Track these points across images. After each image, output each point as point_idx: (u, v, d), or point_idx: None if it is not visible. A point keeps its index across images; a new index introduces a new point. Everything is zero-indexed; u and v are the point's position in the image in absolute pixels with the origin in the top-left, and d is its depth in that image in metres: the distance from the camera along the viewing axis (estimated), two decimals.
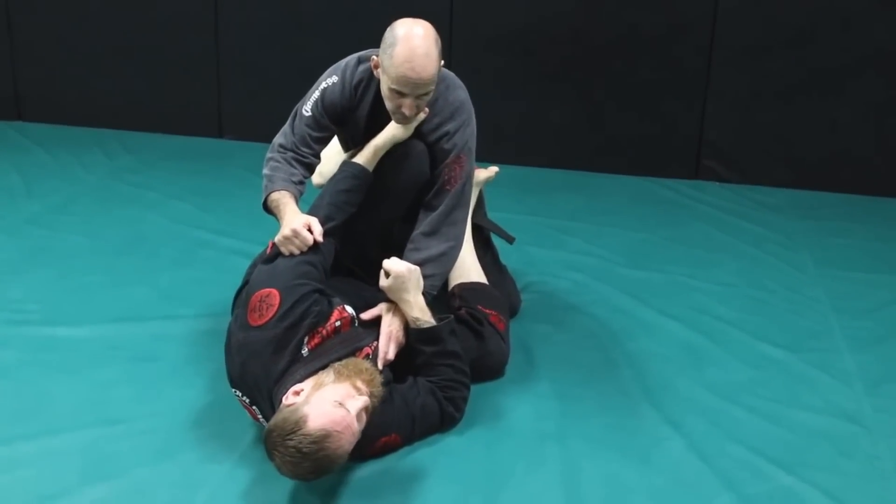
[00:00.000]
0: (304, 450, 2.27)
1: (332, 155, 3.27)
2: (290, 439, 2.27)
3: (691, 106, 4.78)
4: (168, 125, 5.31)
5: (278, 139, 3.00)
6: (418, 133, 2.96)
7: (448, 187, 2.96)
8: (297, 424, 2.29)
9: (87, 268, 3.69)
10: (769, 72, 4.66)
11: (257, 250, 3.25)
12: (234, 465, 2.56)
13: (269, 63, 5.09)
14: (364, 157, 2.95)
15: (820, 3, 4.53)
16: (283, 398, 2.42)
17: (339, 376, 2.46)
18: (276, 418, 2.35)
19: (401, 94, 2.77)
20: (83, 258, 3.78)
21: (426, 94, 2.80)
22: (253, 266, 2.98)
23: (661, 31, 4.69)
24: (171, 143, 5.18)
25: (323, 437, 2.28)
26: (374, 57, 2.86)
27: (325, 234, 2.78)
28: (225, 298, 3.17)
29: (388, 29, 2.80)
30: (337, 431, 2.31)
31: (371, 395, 2.46)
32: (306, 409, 2.33)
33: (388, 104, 2.84)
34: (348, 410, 2.36)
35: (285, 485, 2.49)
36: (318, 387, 2.42)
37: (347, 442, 2.34)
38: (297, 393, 2.41)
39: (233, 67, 5.17)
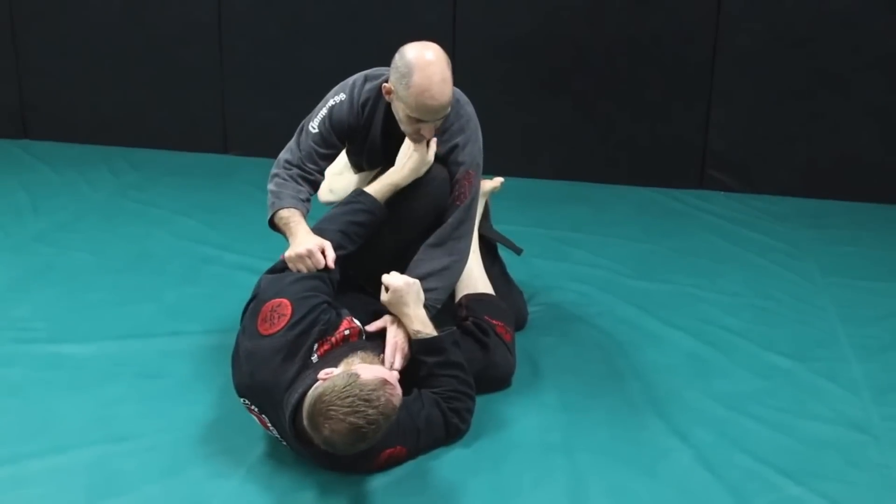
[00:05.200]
0: (365, 396, 2.30)
1: (342, 169, 3.27)
2: (347, 389, 2.31)
3: (695, 116, 4.78)
4: (173, 142, 5.32)
5: (283, 155, 3.01)
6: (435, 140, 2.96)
7: (457, 203, 2.97)
8: (352, 379, 2.34)
9: (93, 285, 3.70)
10: (773, 79, 4.65)
11: (263, 265, 3.24)
12: (242, 481, 2.56)
13: (273, 79, 5.10)
14: (381, 193, 2.94)
15: (823, 7, 4.52)
16: (319, 376, 2.43)
17: (364, 361, 2.52)
18: (324, 387, 2.36)
19: (419, 120, 2.79)
20: (89, 275, 3.79)
21: (444, 116, 2.83)
22: (262, 281, 2.98)
23: (663, 41, 4.69)
24: (176, 160, 5.19)
25: (380, 384, 2.34)
26: (386, 84, 2.86)
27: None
28: (231, 314, 3.18)
29: (398, 55, 2.81)
30: (390, 383, 2.37)
31: None
32: (355, 370, 2.38)
33: (406, 128, 2.86)
34: (390, 370, 2.48)
35: (292, 500, 2.49)
36: (349, 364, 2.46)
37: (398, 396, 2.40)
38: (328, 374, 2.43)
39: (237, 83, 5.18)
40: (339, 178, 3.22)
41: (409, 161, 2.92)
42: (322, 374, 2.44)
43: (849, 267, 3.98)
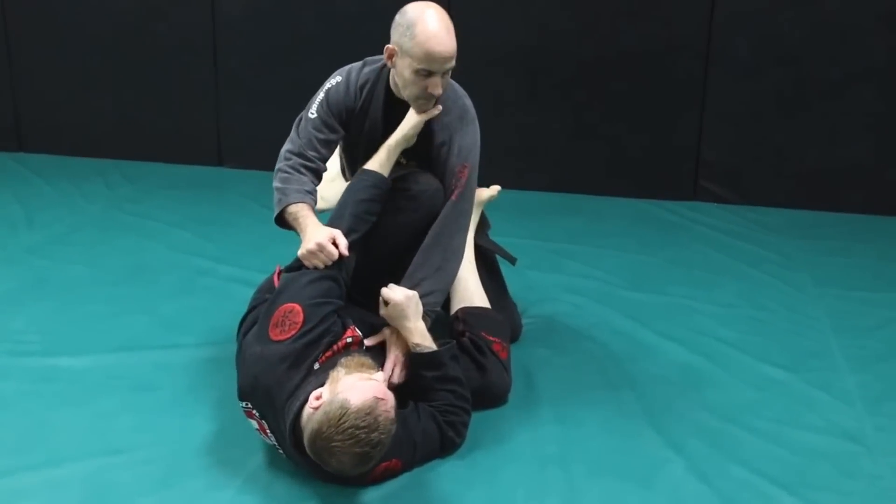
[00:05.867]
0: (362, 423, 2.31)
1: (335, 176, 3.28)
2: (344, 422, 2.31)
3: (688, 127, 4.80)
4: (168, 154, 5.33)
5: (286, 146, 3.00)
6: (430, 132, 2.96)
7: (452, 197, 2.98)
8: (343, 407, 2.33)
9: (87, 298, 3.70)
10: (766, 90, 4.68)
11: (258, 278, 3.26)
12: (238, 492, 2.56)
13: (268, 91, 5.11)
14: (378, 162, 2.95)
15: (815, 18, 4.55)
16: (308, 405, 2.44)
17: (349, 368, 2.51)
18: (317, 418, 2.37)
19: (428, 74, 2.79)
20: (84, 288, 3.79)
21: (450, 69, 2.83)
22: (258, 293, 2.99)
23: (656, 52, 4.71)
24: (171, 172, 5.20)
25: (373, 406, 2.34)
26: (389, 46, 2.85)
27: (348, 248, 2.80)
28: (225, 326, 3.19)
29: (398, 15, 2.82)
30: (381, 398, 2.38)
31: None
32: (342, 395, 2.37)
33: (413, 89, 2.84)
34: (377, 381, 2.46)
35: None
36: (335, 381, 2.46)
37: (391, 407, 2.41)
38: (318, 398, 2.44)
39: (232, 97, 5.20)
40: (332, 185, 3.21)
41: (403, 123, 2.93)
42: (312, 398, 2.44)
43: (842, 277, 3.99)
